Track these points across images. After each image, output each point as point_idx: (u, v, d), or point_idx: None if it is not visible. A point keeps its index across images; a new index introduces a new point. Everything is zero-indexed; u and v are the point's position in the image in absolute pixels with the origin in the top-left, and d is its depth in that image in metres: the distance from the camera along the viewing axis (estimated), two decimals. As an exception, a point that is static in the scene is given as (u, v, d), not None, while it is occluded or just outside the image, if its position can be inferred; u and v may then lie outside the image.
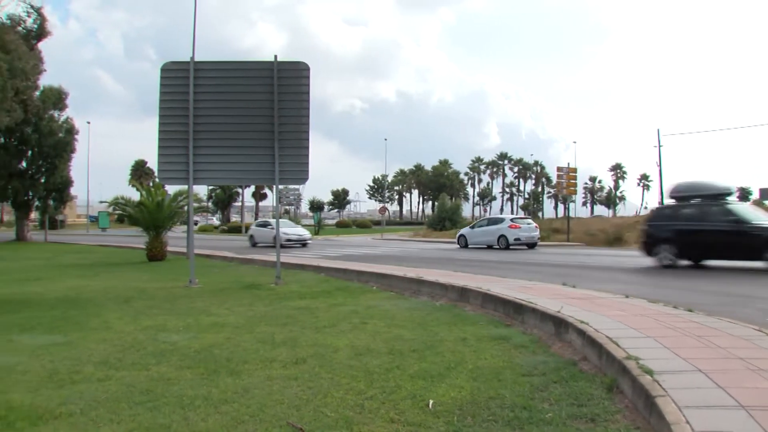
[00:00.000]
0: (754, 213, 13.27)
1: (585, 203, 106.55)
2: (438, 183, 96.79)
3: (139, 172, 77.28)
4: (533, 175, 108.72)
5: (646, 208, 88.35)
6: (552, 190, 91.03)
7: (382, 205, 66.27)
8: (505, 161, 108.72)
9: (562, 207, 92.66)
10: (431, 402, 3.71)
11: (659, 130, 61.52)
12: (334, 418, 3.45)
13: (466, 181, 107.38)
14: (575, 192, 33.34)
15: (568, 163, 32.90)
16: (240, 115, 11.20)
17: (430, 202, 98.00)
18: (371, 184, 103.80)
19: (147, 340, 5.80)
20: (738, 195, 14.29)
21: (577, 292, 8.02)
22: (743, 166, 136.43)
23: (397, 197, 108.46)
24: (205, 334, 6.10)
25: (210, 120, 11.06)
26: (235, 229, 52.30)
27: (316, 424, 3.35)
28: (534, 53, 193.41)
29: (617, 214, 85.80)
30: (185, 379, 4.34)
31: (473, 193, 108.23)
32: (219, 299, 8.92)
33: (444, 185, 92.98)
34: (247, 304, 8.39)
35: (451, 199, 55.94)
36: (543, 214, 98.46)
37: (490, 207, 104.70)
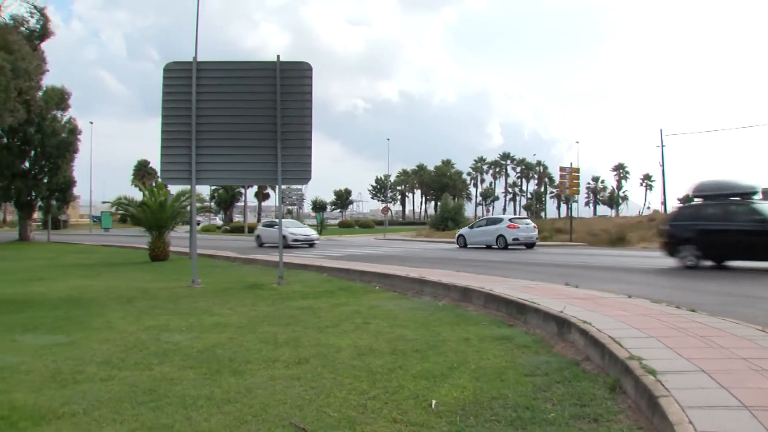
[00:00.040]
0: None
1: (588, 203, 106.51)
2: (441, 183, 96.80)
3: (141, 172, 77.45)
4: (536, 175, 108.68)
5: (648, 208, 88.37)
6: (555, 190, 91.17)
7: (384, 205, 66.27)
8: (508, 161, 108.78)
9: (564, 207, 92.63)
10: (434, 402, 3.71)
11: (662, 130, 61.48)
12: (336, 418, 3.45)
13: (468, 181, 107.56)
14: (578, 192, 33.31)
15: (571, 163, 32.94)
16: (243, 115, 11.21)
17: (433, 202, 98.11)
18: (374, 184, 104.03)
19: (150, 340, 5.80)
20: (762, 194, 13.88)
21: (580, 292, 8.00)
22: (747, 166, 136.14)
23: (399, 197, 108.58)
24: (208, 334, 6.10)
25: (213, 120, 11.07)
26: (238, 229, 52.42)
27: (318, 424, 3.35)
28: (536, 53, 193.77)
29: (620, 214, 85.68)
30: (188, 379, 4.35)
31: (476, 193, 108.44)
32: (222, 299, 8.93)
33: (447, 185, 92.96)
34: (249, 304, 8.39)
35: (454, 199, 56.02)
36: (546, 214, 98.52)
37: (493, 207, 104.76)
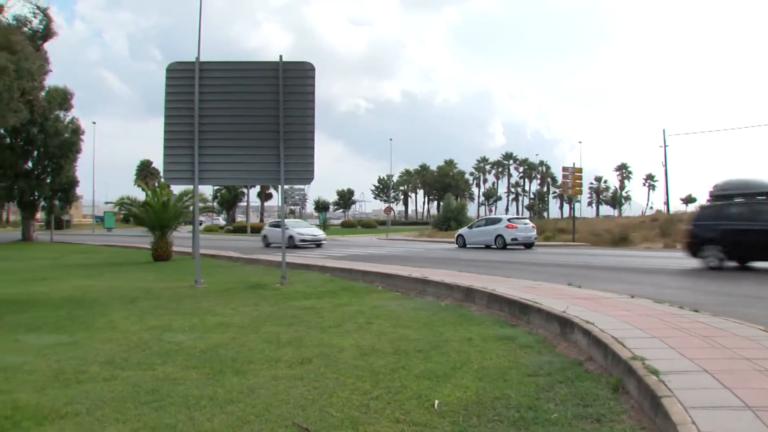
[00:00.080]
0: None
1: (590, 203, 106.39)
2: (443, 183, 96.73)
3: (144, 172, 77.45)
4: (538, 175, 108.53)
5: (651, 208, 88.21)
6: (557, 190, 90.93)
7: (387, 205, 66.22)
8: (511, 161, 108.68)
9: (567, 207, 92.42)
10: (437, 402, 3.71)
11: (665, 130, 61.42)
12: (339, 418, 3.45)
13: (471, 181, 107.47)
14: (580, 192, 33.26)
15: (574, 163, 32.83)
16: (245, 115, 11.23)
17: (436, 202, 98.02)
18: (376, 184, 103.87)
19: (152, 339, 5.82)
20: None
21: (583, 292, 8.00)
22: (749, 166, 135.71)
23: (402, 197, 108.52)
24: (211, 334, 6.11)
25: (215, 120, 11.09)
26: (241, 229, 52.47)
27: (321, 424, 3.35)
28: (539, 53, 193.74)
29: (623, 214, 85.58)
30: (191, 378, 4.36)
31: (478, 193, 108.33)
32: (224, 299, 8.94)
33: (449, 185, 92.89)
34: (252, 304, 8.40)
35: (457, 199, 55.95)
36: (548, 214, 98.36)
37: (496, 207, 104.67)
